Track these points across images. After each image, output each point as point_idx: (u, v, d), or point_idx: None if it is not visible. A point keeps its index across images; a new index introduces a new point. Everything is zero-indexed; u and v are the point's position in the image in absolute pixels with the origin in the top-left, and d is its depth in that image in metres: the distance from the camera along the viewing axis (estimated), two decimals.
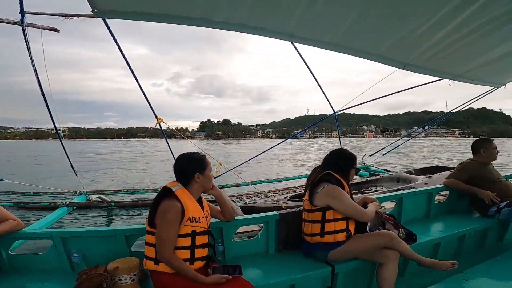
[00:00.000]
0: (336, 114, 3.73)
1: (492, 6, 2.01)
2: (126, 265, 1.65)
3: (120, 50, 2.38)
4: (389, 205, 3.02)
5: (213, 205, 1.92)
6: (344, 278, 2.03)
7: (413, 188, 4.55)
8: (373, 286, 2.12)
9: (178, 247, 1.54)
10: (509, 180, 3.36)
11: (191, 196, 1.62)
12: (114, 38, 2.27)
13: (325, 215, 1.92)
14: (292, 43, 2.50)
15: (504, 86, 3.70)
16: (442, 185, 3.13)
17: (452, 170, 3.15)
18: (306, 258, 2.05)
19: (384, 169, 6.93)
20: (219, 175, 4.13)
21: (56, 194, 5.79)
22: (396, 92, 3.76)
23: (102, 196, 5.49)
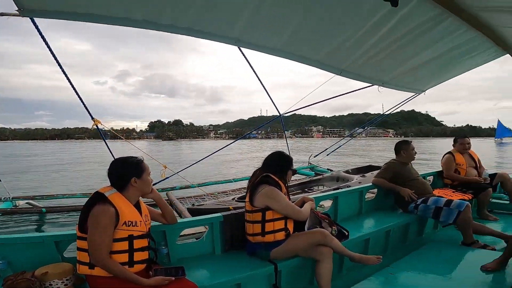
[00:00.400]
0: (282, 116, 3.82)
1: (409, 19, 2.23)
2: (57, 270, 1.62)
3: (49, 48, 2.10)
4: (328, 204, 3.17)
5: (154, 208, 1.92)
6: (287, 275, 2.11)
7: (349, 186, 4.88)
8: (315, 282, 2.18)
9: (114, 251, 1.54)
10: (427, 178, 3.81)
11: (127, 200, 1.63)
12: (42, 37, 2.00)
13: (265, 216, 2.02)
14: (238, 47, 2.54)
15: (424, 92, 4.14)
16: (371, 184, 3.37)
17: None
18: (251, 257, 2.11)
19: (328, 169, 7.34)
20: (165, 178, 3.94)
21: None
22: (335, 97, 4.04)
23: (31, 201, 5.10)
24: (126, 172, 1.65)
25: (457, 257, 2.45)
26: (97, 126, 2.85)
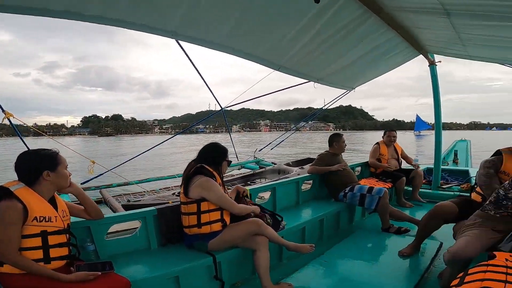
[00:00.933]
0: (224, 110, 3.77)
1: (336, 19, 2.35)
2: None
3: None
4: (267, 195, 3.25)
5: (77, 204, 1.85)
6: (228, 266, 2.12)
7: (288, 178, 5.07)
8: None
9: (26, 248, 1.48)
10: (356, 168, 4.17)
11: (38, 195, 1.55)
12: None
13: (200, 207, 2.01)
14: (177, 41, 2.43)
15: (354, 89, 4.48)
16: (307, 175, 3.54)
17: None
18: (189, 250, 2.09)
19: (273, 162, 7.53)
20: (97, 176, 3.68)
21: None
22: (274, 92, 4.12)
23: None
24: (37, 165, 1.56)
25: (380, 243, 2.71)
26: (9, 120, 2.48)
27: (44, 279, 1.45)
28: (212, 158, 2.15)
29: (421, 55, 3.58)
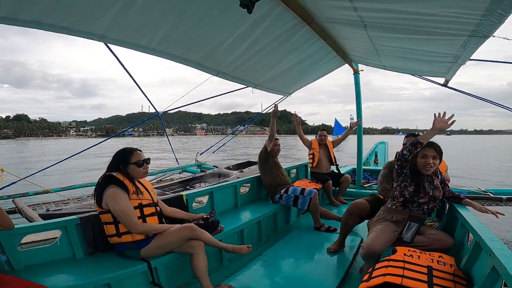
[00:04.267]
0: (159, 114, 3.55)
1: (272, 28, 2.45)
2: None
3: None
4: (206, 199, 3.16)
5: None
6: (166, 271, 2.09)
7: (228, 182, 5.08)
8: None
9: None
10: (292, 170, 4.38)
11: None
12: None
13: (116, 217, 1.94)
14: (105, 44, 2.29)
15: (290, 95, 4.73)
16: (244, 178, 3.61)
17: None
18: (120, 257, 2.03)
19: (214, 166, 7.40)
20: (8, 185, 3.31)
21: None
22: (212, 97, 4.10)
23: None
24: None
25: (312, 241, 2.88)
26: None
27: None
28: (117, 165, 2.04)
29: (347, 64, 3.96)
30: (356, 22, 2.27)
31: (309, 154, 4.44)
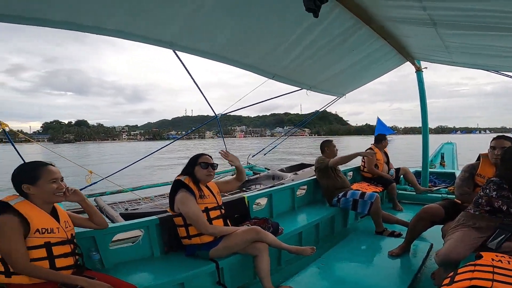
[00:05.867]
0: (217, 117, 3.73)
1: (330, 29, 2.45)
2: None
3: None
4: (264, 201, 3.24)
5: (79, 215, 1.88)
6: (230, 271, 2.16)
7: (283, 184, 5.12)
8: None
9: (32, 259, 1.50)
10: (348, 173, 4.28)
11: (37, 207, 1.57)
12: None
13: (186, 219, 2.07)
14: (174, 51, 2.45)
15: (344, 96, 4.63)
16: (301, 180, 3.60)
17: (312, 167, 3.67)
18: (191, 258, 2.13)
19: (266, 168, 7.52)
20: (90, 184, 3.60)
21: None
22: (269, 99, 4.17)
23: None
24: (17, 178, 1.58)
25: (373, 245, 2.79)
26: (4, 130, 2.42)
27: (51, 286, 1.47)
28: (188, 169, 2.20)
29: (408, 62, 3.77)
30: (424, 21, 2.17)
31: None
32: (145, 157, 3.78)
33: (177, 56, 2.59)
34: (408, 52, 3.50)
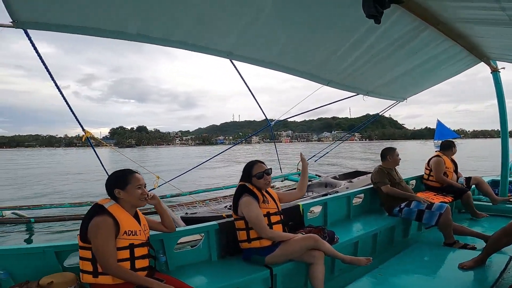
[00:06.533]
0: (270, 125, 3.84)
1: (390, 32, 2.36)
2: (61, 279, 1.64)
3: (41, 59, 2.04)
4: (317, 209, 3.22)
5: (152, 218, 1.98)
6: (282, 278, 2.17)
7: (337, 192, 5.05)
8: (309, 284, 2.27)
9: (118, 260, 1.59)
10: (410, 182, 4.01)
11: (125, 211, 1.69)
12: (34, 47, 1.95)
13: (248, 223, 2.13)
14: (230, 60, 2.59)
15: (405, 100, 4.37)
16: (358, 189, 3.52)
17: (368, 175, 3.54)
18: (246, 263, 2.18)
19: (316, 175, 7.43)
20: (155, 187, 3.89)
21: None
22: (325, 105, 4.13)
23: (17, 212, 4.89)
24: (110, 183, 1.72)
25: (439, 257, 2.58)
26: (88, 138, 2.80)
27: None
28: (244, 176, 2.28)
29: (482, 62, 3.43)
30: (502, 21, 1.99)
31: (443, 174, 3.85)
32: (206, 161, 4.03)
33: (233, 65, 2.72)
34: (483, 53, 3.20)
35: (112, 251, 1.56)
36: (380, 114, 4.88)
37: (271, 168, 2.30)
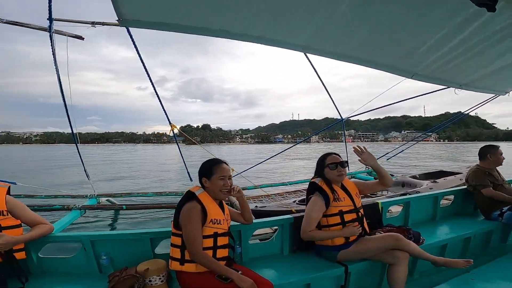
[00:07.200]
0: (343, 120, 3.78)
1: (491, 23, 2.15)
2: (155, 266, 1.70)
3: (141, 59, 2.40)
4: (396, 209, 3.10)
5: (233, 208, 2.03)
6: (356, 277, 2.11)
7: (419, 192, 4.74)
8: (383, 286, 2.20)
9: (202, 248, 1.61)
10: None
11: (212, 199, 1.72)
12: (135, 45, 2.28)
13: (320, 221, 2.06)
14: (305, 54, 2.58)
15: (508, 93, 3.86)
16: (447, 190, 3.27)
17: (457, 175, 3.26)
18: (318, 258, 2.15)
19: (390, 174, 7.02)
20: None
21: (66, 197, 5.57)
22: (404, 100, 3.87)
23: (111, 199, 5.37)
24: (200, 172, 1.78)
25: None
26: (173, 131, 3.14)
27: (211, 279, 1.58)
28: (318, 171, 2.18)
29: None
30: None
31: None
32: (272, 156, 4.14)
33: (307, 58, 2.75)
34: None
35: (200, 238, 1.60)
36: (474, 108, 4.33)
37: (347, 161, 2.17)
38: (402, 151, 5.49)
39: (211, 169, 1.74)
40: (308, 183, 2.24)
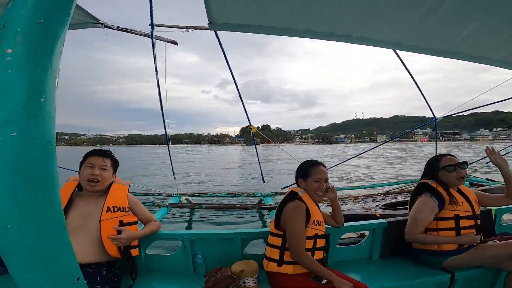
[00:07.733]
0: (436, 120, 3.40)
1: None
2: (249, 267, 1.67)
3: (227, 61, 2.54)
4: (507, 217, 2.75)
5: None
6: (461, 285, 1.92)
7: None
8: None
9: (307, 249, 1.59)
10: None
11: (312, 201, 1.70)
12: (221, 48, 2.42)
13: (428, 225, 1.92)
14: (394, 51, 2.52)
15: None
16: None
17: None
18: (415, 264, 2.02)
19: (487, 179, 6.09)
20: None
21: (152, 195, 5.76)
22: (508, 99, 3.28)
23: (189, 198, 5.46)
24: (297, 172, 1.78)
25: None
26: (252, 132, 3.25)
27: (307, 281, 1.54)
28: (427, 172, 2.04)
29: None
30: None
31: None
32: (355, 156, 3.95)
33: (398, 56, 2.56)
34: None
35: (304, 237, 1.57)
36: None
37: (466, 162, 1.97)
38: (509, 152, 4.58)
39: (307, 170, 1.73)
40: (382, 186, 2.11)
